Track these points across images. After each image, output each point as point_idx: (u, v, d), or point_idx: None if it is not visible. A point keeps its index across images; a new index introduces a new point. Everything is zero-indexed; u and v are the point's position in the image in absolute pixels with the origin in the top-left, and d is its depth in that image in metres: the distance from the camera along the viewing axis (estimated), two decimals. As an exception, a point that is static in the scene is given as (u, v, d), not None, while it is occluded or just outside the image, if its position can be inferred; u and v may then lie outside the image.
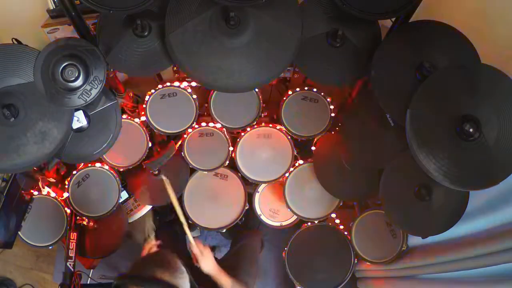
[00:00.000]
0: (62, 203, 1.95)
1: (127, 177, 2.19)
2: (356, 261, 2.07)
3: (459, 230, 1.61)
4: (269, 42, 1.50)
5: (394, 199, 1.66)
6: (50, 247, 1.95)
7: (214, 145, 2.04)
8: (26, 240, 1.92)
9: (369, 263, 2.05)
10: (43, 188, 1.95)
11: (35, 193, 1.90)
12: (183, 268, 1.13)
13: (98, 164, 2.00)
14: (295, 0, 1.52)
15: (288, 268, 2.09)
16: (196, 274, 1.27)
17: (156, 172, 2.06)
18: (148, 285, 1.02)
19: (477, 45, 1.40)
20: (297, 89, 1.98)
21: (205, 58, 1.50)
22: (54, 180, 2.05)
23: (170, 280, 1.06)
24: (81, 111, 1.57)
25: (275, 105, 2.18)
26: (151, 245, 1.63)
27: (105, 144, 1.65)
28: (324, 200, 2.09)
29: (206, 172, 2.13)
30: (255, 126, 2.03)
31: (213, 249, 2.76)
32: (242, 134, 2.04)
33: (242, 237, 2.21)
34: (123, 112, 2.02)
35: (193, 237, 1.59)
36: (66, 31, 1.75)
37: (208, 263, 1.53)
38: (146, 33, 1.54)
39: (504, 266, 1.35)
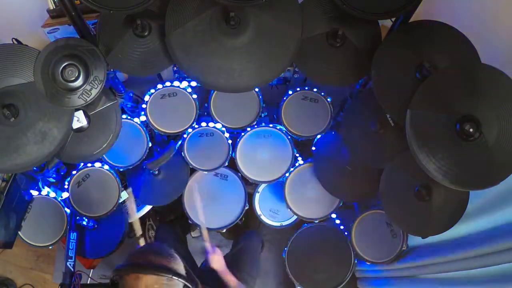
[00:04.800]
0: (62, 203, 1.95)
1: (127, 177, 2.19)
2: (356, 261, 2.07)
3: (459, 230, 1.61)
4: (269, 42, 1.50)
5: (394, 199, 1.65)
6: (50, 247, 1.95)
7: (214, 145, 2.04)
8: (26, 240, 1.92)
9: (369, 263, 2.05)
10: (43, 188, 1.95)
11: (35, 193, 1.90)
12: (176, 255, 1.15)
13: (98, 164, 2.00)
14: (295, 0, 1.52)
15: (288, 268, 2.09)
16: (199, 274, 1.27)
17: (156, 172, 2.06)
18: (145, 270, 1.03)
19: (477, 45, 1.40)
20: (297, 89, 1.98)
21: (205, 58, 1.50)
22: (54, 180, 2.05)
23: (165, 264, 1.07)
24: (81, 111, 1.57)
25: (275, 105, 2.18)
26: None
27: (105, 144, 1.65)
28: (324, 200, 2.09)
29: (206, 172, 2.13)
30: (255, 126, 2.03)
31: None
32: (242, 134, 2.04)
33: (242, 237, 2.21)
34: (123, 112, 2.02)
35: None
36: (66, 31, 1.76)
37: (218, 260, 1.63)
38: (146, 33, 1.54)
39: (504, 266, 1.35)
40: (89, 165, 2.00)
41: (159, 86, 1.91)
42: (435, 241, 1.77)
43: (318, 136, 2.06)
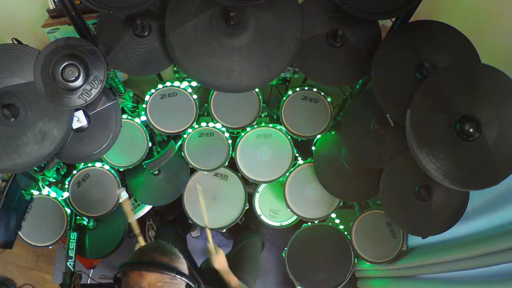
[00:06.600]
0: (62, 203, 1.95)
1: (127, 177, 2.19)
2: (356, 261, 2.07)
3: (459, 230, 1.61)
4: (269, 42, 1.50)
5: (394, 199, 1.65)
6: (50, 247, 1.96)
7: (214, 145, 2.04)
8: (26, 240, 1.92)
9: (369, 263, 2.05)
10: (43, 188, 1.95)
11: (35, 193, 1.90)
12: (180, 254, 1.15)
13: (98, 164, 2.00)
14: (295, 0, 1.52)
15: (288, 268, 2.10)
16: (199, 274, 1.27)
17: (156, 172, 2.06)
18: (149, 268, 1.03)
19: (477, 45, 1.40)
20: (297, 89, 1.98)
21: (205, 58, 1.50)
22: (54, 180, 2.05)
23: (169, 262, 1.07)
24: (81, 111, 1.57)
25: (275, 105, 2.18)
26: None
27: (105, 144, 1.65)
28: (324, 200, 2.09)
29: (206, 172, 2.13)
30: (255, 126, 2.03)
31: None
32: (242, 134, 2.04)
33: (243, 237, 2.21)
34: (123, 112, 2.02)
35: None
36: (66, 31, 1.75)
37: (221, 261, 1.65)
38: (146, 33, 1.54)
39: (504, 266, 1.35)
40: (89, 165, 2.00)
41: (159, 86, 1.91)
42: (435, 241, 1.77)
43: (318, 136, 2.06)
